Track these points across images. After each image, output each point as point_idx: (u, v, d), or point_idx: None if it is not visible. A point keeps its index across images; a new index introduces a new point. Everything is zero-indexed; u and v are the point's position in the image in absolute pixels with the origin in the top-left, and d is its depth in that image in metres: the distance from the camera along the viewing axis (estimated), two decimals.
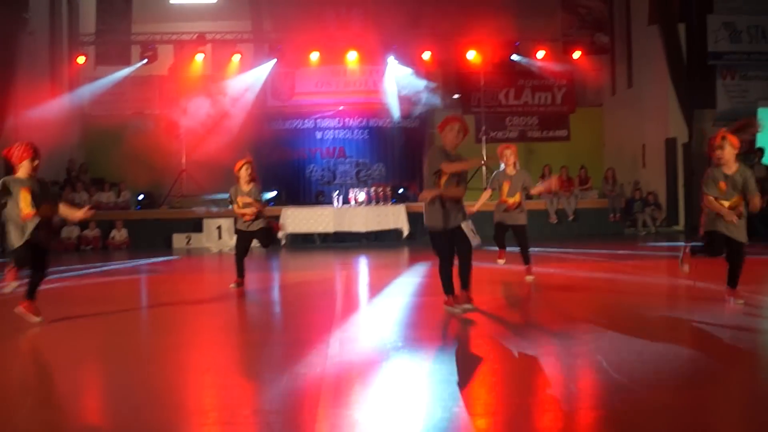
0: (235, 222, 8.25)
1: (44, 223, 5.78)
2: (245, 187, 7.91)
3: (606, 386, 3.77)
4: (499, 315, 6.34)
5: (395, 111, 19.33)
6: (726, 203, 5.84)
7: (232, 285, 7.83)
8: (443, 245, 5.84)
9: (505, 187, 7.71)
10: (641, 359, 4.26)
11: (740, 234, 5.87)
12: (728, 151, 5.83)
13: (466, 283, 5.92)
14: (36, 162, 5.77)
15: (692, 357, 4.47)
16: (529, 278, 7.80)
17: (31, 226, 5.69)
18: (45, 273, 5.93)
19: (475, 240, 5.75)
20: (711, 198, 5.89)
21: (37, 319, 5.79)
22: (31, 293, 5.85)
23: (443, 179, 5.73)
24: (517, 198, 7.68)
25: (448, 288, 5.91)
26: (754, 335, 5.08)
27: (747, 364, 4.20)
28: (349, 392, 3.76)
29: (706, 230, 6.00)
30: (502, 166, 7.81)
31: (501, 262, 8.27)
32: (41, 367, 4.62)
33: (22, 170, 5.79)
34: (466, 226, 5.75)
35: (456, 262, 5.89)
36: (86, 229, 16.36)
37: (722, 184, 5.85)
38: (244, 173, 7.94)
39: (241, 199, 7.86)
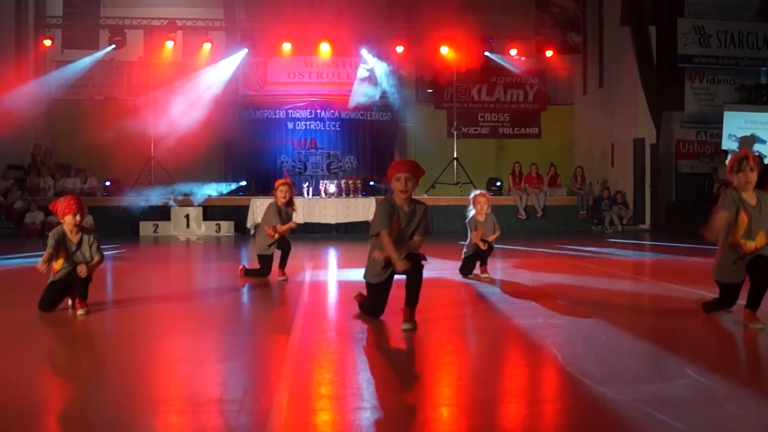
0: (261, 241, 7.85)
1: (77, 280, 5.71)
2: (281, 205, 7.74)
3: (561, 381, 3.82)
4: (459, 310, 6.37)
5: (365, 101, 19.39)
6: (751, 244, 4.81)
7: (281, 278, 7.74)
8: (379, 299, 5.30)
9: (479, 232, 7.93)
10: (595, 354, 4.31)
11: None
12: (755, 177, 4.82)
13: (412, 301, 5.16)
14: (78, 217, 5.67)
15: (646, 354, 4.53)
16: (485, 276, 7.90)
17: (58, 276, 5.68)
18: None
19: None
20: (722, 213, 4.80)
21: None
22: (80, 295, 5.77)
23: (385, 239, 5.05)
24: (490, 238, 7.96)
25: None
26: (711, 332, 5.16)
27: (701, 360, 4.26)
28: (308, 383, 3.75)
29: (719, 280, 5.09)
30: (473, 211, 7.96)
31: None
32: (9, 355, 4.52)
33: (66, 225, 5.69)
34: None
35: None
36: (51, 215, 16.09)
37: (744, 216, 4.81)
38: (279, 195, 7.74)
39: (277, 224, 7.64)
